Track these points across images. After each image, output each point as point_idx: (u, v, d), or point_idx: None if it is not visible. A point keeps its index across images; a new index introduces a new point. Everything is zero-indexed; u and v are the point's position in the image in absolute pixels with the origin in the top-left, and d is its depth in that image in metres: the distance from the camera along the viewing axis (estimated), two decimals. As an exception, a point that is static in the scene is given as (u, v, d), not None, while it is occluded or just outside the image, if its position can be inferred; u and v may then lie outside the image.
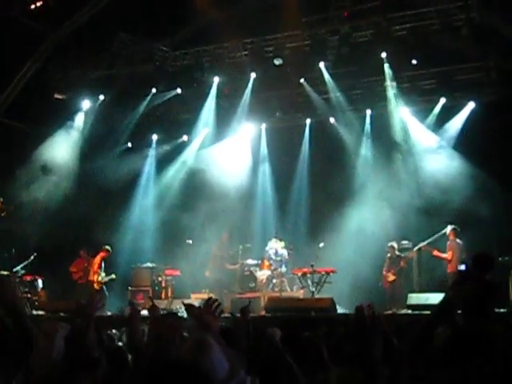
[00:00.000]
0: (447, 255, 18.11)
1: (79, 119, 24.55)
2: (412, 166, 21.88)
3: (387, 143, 22.43)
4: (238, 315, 7.15)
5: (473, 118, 21.15)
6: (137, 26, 21.86)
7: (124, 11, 20.92)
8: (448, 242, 18.33)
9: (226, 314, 18.17)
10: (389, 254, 19.59)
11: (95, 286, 21.25)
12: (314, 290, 19.19)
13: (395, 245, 19.58)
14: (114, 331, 10.59)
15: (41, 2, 16.82)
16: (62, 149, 23.90)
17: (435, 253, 18.37)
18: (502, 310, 14.43)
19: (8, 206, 20.19)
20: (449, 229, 18.52)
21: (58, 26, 22.57)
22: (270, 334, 7.77)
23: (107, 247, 21.59)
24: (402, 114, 22.34)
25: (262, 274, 20.82)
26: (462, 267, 17.43)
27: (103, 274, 21.26)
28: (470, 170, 20.53)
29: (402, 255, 19.50)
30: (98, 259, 21.36)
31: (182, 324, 5.48)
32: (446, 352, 4.85)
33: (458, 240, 18.26)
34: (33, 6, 16.96)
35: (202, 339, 4.03)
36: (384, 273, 19.50)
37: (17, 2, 17.14)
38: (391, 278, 19.32)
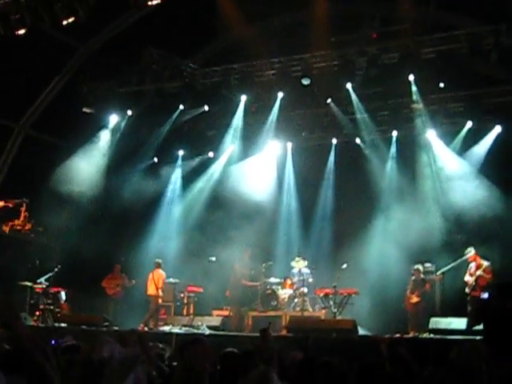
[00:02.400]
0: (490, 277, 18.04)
1: (106, 133, 24.71)
2: (437, 189, 21.84)
3: (413, 165, 22.39)
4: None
5: (499, 142, 21.11)
6: (166, 41, 22.06)
7: (154, 27, 21.15)
8: (486, 267, 18.20)
9: (247, 334, 18.41)
10: (414, 277, 19.57)
11: (160, 300, 21.42)
12: (335, 310, 19.22)
13: (421, 267, 19.59)
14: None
15: (73, 18, 16.96)
16: (88, 163, 24.04)
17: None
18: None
19: (37, 228, 20.31)
20: (473, 253, 18.51)
21: (88, 39, 22.88)
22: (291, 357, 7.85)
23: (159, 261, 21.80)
24: (428, 137, 22.32)
25: (284, 293, 20.87)
26: (485, 295, 17.37)
27: None
28: (495, 193, 20.45)
29: (427, 278, 19.49)
30: (163, 275, 21.52)
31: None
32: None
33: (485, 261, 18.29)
34: (65, 22, 17.12)
35: (266, 373, 4.14)
36: (408, 294, 19.49)
37: (49, 16, 17.30)
38: (415, 299, 19.28)
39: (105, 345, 4.12)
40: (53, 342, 10.57)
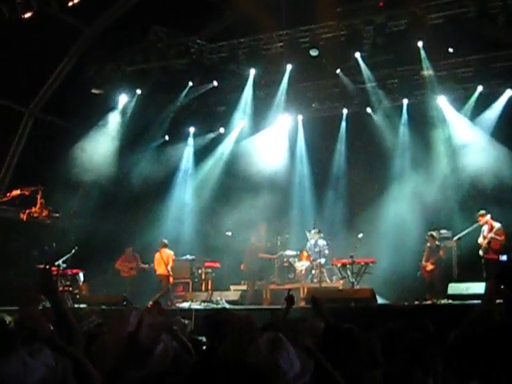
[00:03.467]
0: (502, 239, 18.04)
1: (116, 114, 24.77)
2: (450, 155, 21.80)
3: (425, 132, 22.35)
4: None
5: (511, 106, 21.06)
6: (172, 19, 22.05)
7: (158, 4, 21.12)
8: (497, 229, 18.20)
9: (266, 306, 18.48)
10: (428, 244, 19.58)
11: (171, 279, 21.40)
12: (353, 280, 19.28)
13: (435, 234, 19.57)
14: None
15: (78, 0, 17.02)
16: (100, 144, 24.12)
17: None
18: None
19: (53, 214, 20.42)
20: (488, 217, 18.50)
21: (93, 21, 22.88)
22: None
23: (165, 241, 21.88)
24: (439, 103, 22.28)
25: (301, 265, 20.91)
26: (504, 258, 17.38)
27: None
28: (508, 157, 20.44)
29: (441, 245, 19.49)
30: (171, 254, 21.54)
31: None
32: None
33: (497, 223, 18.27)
34: (70, 4, 17.18)
35: (277, 337, 4.21)
36: (423, 262, 19.50)
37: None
38: (430, 267, 19.31)
39: (132, 317, 4.13)
40: None
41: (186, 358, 5.46)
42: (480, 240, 18.35)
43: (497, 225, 18.23)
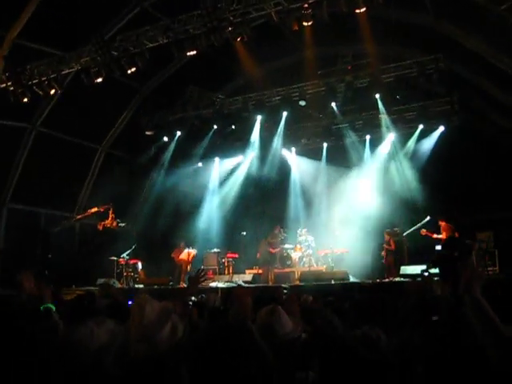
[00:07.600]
0: (442, 236, 17.87)
1: (163, 148, 24.91)
2: (401, 175, 21.82)
3: (381, 157, 22.45)
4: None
5: (443, 138, 21.18)
6: (202, 80, 22.25)
7: (193, 70, 21.34)
8: (442, 226, 18.07)
9: (271, 285, 18.38)
10: (385, 238, 19.56)
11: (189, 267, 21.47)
12: (333, 265, 19.29)
13: (389, 231, 19.58)
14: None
15: (134, 68, 17.14)
16: (152, 170, 24.46)
17: (434, 236, 18.01)
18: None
19: (120, 225, 20.42)
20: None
21: (146, 82, 23.20)
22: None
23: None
24: (391, 138, 22.34)
25: (296, 255, 20.98)
26: (438, 247, 17.31)
27: None
28: (441, 175, 20.39)
29: (393, 239, 19.41)
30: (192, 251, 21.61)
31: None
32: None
33: (450, 224, 18.07)
34: (129, 71, 17.29)
35: (274, 307, 4.29)
36: (382, 252, 19.47)
37: (118, 68, 17.45)
38: (385, 255, 19.33)
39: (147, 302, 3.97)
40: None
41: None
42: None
43: (442, 224, 18.11)
